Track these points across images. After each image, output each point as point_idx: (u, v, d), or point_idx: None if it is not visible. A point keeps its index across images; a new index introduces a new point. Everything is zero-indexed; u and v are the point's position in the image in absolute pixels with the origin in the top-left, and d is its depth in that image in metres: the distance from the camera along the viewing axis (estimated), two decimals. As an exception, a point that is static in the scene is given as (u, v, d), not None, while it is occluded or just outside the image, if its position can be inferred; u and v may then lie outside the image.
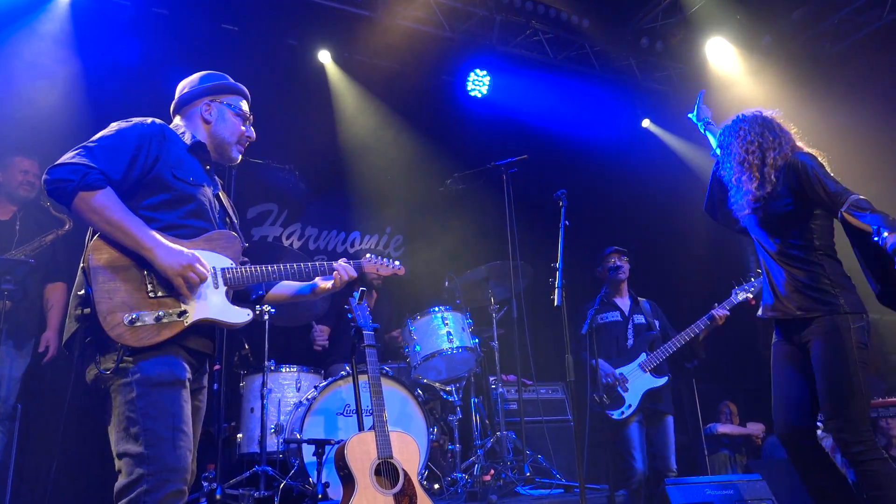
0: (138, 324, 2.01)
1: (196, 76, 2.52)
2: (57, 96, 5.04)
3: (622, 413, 4.45)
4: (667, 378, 4.54)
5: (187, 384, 2.10)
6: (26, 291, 4.10)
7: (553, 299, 3.41)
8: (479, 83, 6.81)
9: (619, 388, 4.50)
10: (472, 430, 4.68)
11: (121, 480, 1.95)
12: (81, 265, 2.07)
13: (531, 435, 4.97)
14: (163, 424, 1.98)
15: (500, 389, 4.76)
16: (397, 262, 2.89)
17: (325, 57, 6.27)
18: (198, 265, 2.12)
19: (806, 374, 2.83)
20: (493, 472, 4.26)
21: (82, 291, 2.03)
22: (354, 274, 2.62)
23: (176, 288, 2.09)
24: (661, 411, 4.54)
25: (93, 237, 2.10)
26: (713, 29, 6.54)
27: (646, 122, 7.56)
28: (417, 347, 4.51)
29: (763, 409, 5.30)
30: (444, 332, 4.49)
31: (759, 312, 3.07)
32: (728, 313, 4.49)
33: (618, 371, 4.53)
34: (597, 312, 4.70)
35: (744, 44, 6.71)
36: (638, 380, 4.51)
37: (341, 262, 2.63)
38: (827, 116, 6.31)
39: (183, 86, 2.51)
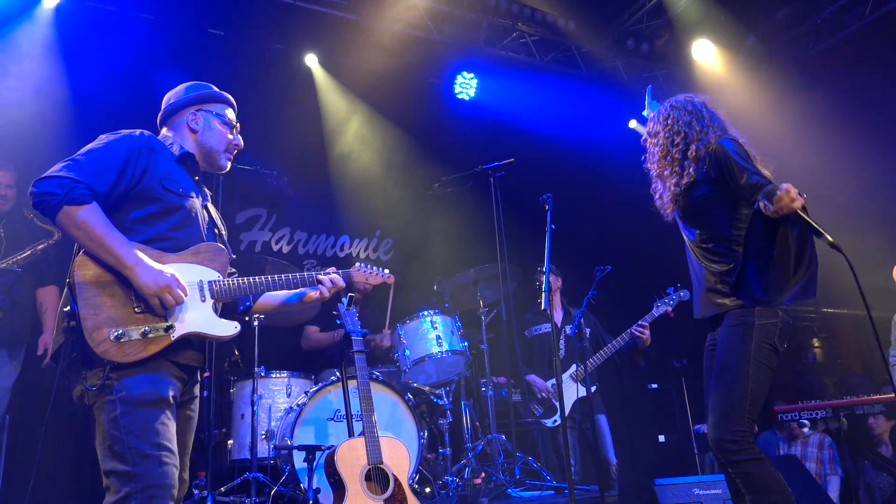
0: (124, 339, 2.01)
1: (181, 87, 2.52)
2: (39, 104, 5.03)
3: (555, 421, 4.71)
4: (595, 387, 4.75)
5: (172, 402, 2.10)
6: (14, 300, 4.08)
7: (540, 302, 3.44)
8: (466, 86, 6.83)
9: (552, 399, 4.74)
10: (462, 434, 4.70)
11: (108, 498, 1.95)
12: (67, 280, 2.07)
13: (521, 437, 5.00)
14: (147, 442, 1.98)
15: (490, 392, 4.78)
16: (386, 271, 2.87)
17: (311, 61, 6.26)
18: (176, 287, 2.10)
19: None
20: (483, 474, 4.28)
21: (68, 308, 2.02)
22: (343, 284, 2.62)
23: (152, 307, 2.08)
24: (592, 413, 4.74)
25: (78, 252, 2.10)
26: (698, 30, 6.58)
27: (632, 123, 7.59)
28: (407, 351, 4.52)
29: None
30: (433, 335, 4.51)
31: (695, 314, 2.87)
32: (646, 326, 4.52)
33: (549, 382, 4.76)
34: (530, 324, 5.01)
35: (728, 44, 6.76)
36: (569, 390, 4.67)
37: (330, 271, 2.62)
38: (809, 115, 6.39)
39: (168, 97, 2.50)
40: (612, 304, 5.63)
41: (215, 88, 2.55)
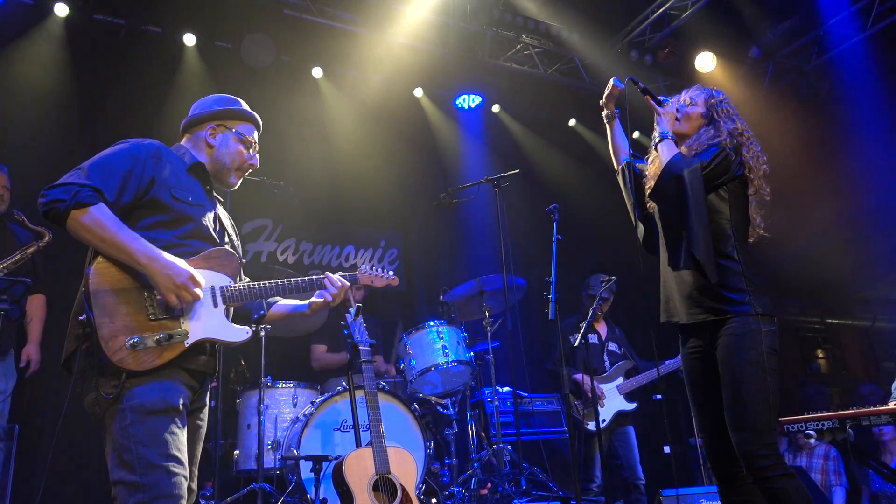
0: (140, 347, 2.02)
1: (210, 98, 2.51)
2: (48, 111, 5.09)
3: (596, 426, 4.61)
4: (636, 404, 4.97)
5: (182, 410, 2.10)
6: (23, 310, 4.09)
7: (547, 313, 3.44)
8: (471, 97, 6.89)
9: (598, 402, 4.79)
10: (468, 444, 4.69)
11: None
12: (81, 289, 2.06)
13: (527, 448, 5.00)
14: (157, 452, 1.98)
15: (496, 402, 4.78)
16: (391, 273, 2.85)
17: (317, 73, 6.32)
18: (193, 284, 2.10)
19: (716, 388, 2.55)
20: (489, 485, 4.27)
21: (83, 316, 2.02)
22: (348, 286, 2.59)
23: (170, 305, 2.08)
24: (624, 423, 4.95)
25: (91, 260, 2.09)
26: (701, 42, 6.63)
27: (635, 135, 7.64)
28: (413, 362, 4.53)
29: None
30: (439, 346, 4.52)
31: (662, 318, 2.76)
32: None
33: (600, 387, 4.90)
34: (575, 330, 4.91)
35: (731, 56, 6.80)
36: (613, 400, 4.93)
37: (337, 275, 2.60)
38: (812, 126, 6.42)
39: (195, 106, 2.50)
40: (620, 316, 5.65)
41: (244, 105, 2.53)
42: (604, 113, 2.95)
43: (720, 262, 2.56)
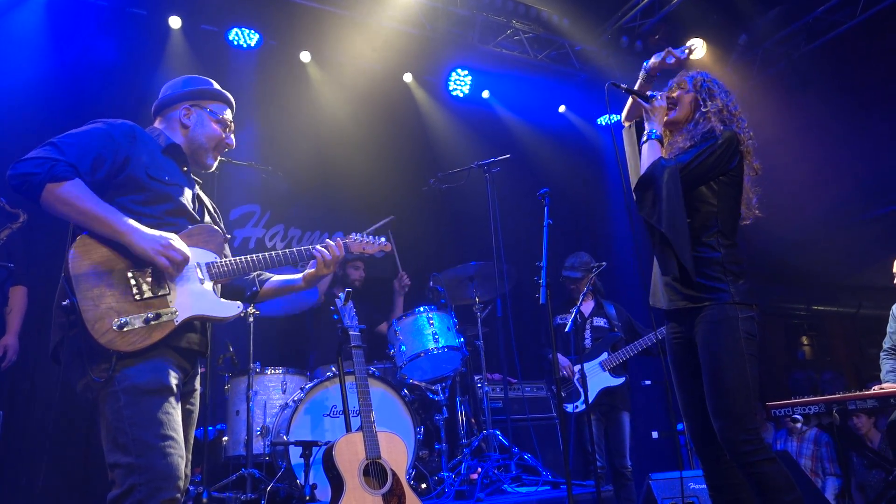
0: (127, 328, 1.98)
1: (180, 79, 2.47)
2: (29, 93, 4.99)
3: (576, 407, 4.61)
4: (624, 379, 4.67)
5: (175, 389, 2.07)
6: (5, 296, 4.03)
7: (538, 297, 3.43)
8: (460, 83, 6.85)
9: (575, 382, 4.63)
10: (458, 429, 4.69)
11: (113, 491, 1.93)
12: (62, 275, 2.02)
13: (517, 433, 5.01)
14: (152, 432, 1.95)
15: (486, 388, 4.78)
16: (383, 239, 2.78)
17: (305, 57, 6.25)
18: (175, 243, 2.09)
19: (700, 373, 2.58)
20: (479, 470, 4.27)
21: (66, 301, 1.98)
22: (340, 252, 2.52)
23: (162, 270, 2.06)
24: (618, 408, 4.69)
25: (70, 245, 2.05)
26: (691, 28, 6.61)
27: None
28: (403, 347, 4.51)
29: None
30: (429, 332, 4.50)
31: (649, 302, 2.78)
32: None
33: (577, 367, 4.64)
34: (558, 312, 4.92)
35: (721, 43, 6.80)
36: (596, 377, 4.66)
37: (329, 241, 2.54)
38: (801, 114, 6.44)
39: (165, 87, 2.46)
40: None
41: (215, 84, 2.49)
42: (643, 74, 2.86)
43: (699, 250, 2.57)
